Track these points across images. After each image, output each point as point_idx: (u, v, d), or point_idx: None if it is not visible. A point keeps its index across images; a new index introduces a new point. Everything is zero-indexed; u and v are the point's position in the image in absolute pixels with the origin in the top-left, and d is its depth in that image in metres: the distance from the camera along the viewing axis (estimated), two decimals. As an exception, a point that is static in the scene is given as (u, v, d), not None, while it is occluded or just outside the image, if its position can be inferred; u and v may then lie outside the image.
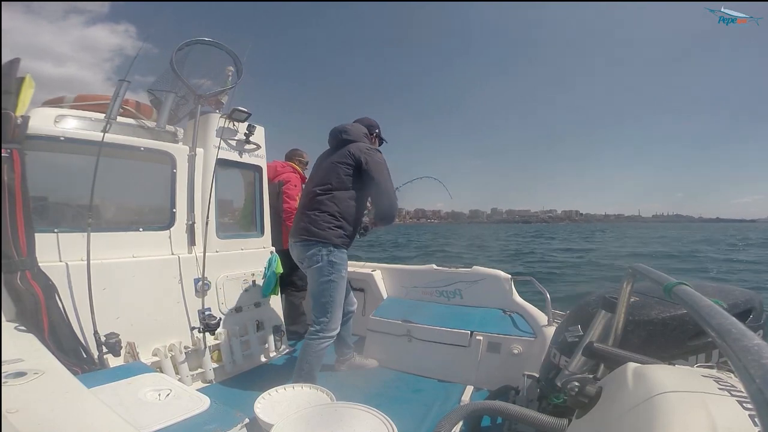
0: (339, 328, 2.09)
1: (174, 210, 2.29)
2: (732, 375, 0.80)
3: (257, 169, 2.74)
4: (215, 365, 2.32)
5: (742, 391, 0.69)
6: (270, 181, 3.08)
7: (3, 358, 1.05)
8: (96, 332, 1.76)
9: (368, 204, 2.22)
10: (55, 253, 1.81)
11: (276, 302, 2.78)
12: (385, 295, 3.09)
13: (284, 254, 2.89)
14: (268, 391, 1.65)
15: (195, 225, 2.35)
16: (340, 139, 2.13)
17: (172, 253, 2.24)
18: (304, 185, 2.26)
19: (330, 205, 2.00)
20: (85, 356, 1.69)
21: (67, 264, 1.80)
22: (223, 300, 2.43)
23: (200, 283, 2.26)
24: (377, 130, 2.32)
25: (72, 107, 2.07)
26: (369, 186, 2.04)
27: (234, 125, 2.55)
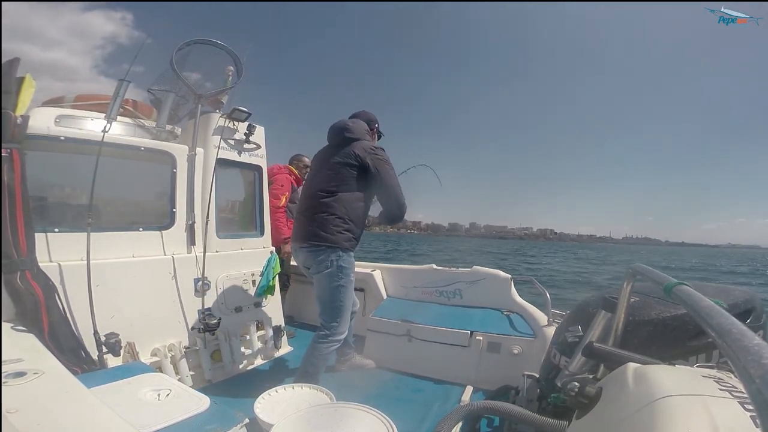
0: (347, 331, 2.09)
1: (174, 210, 2.29)
2: (732, 375, 0.80)
3: (257, 168, 2.74)
4: (215, 365, 2.32)
5: (742, 392, 0.69)
6: None
7: (3, 358, 1.05)
8: (96, 332, 1.76)
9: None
10: (55, 253, 1.81)
11: (276, 302, 2.78)
12: (385, 295, 3.09)
13: None
14: (268, 391, 1.65)
15: (195, 225, 2.35)
16: (342, 138, 2.08)
17: (172, 253, 2.24)
18: (304, 185, 2.25)
19: (337, 208, 1.95)
20: (84, 356, 1.69)
21: (66, 264, 1.80)
22: (223, 300, 2.42)
23: (200, 282, 2.25)
24: (376, 125, 2.27)
25: (72, 107, 2.07)
26: (375, 187, 2.01)
27: (234, 125, 2.55)
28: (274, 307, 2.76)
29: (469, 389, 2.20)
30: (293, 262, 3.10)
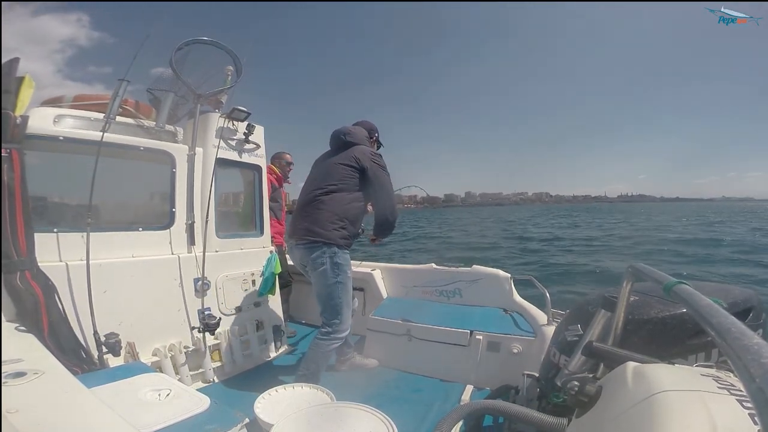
0: (349, 328, 2.09)
1: (173, 210, 2.29)
2: (731, 374, 0.80)
3: (257, 168, 2.74)
4: (215, 365, 2.32)
5: (741, 390, 0.69)
6: None
7: (3, 358, 1.05)
8: (96, 332, 1.76)
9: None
10: (55, 253, 1.81)
11: (276, 302, 2.78)
12: (385, 295, 3.09)
13: None
14: (268, 390, 1.65)
15: (194, 225, 2.34)
16: (342, 142, 2.14)
17: (172, 253, 2.24)
18: (303, 186, 2.26)
19: (333, 206, 1.99)
20: (84, 356, 1.69)
21: (66, 264, 1.80)
22: (222, 300, 2.42)
23: (200, 282, 2.25)
24: (376, 134, 2.36)
25: (71, 107, 2.06)
26: (370, 190, 2.05)
27: (233, 125, 2.54)
28: (274, 307, 2.76)
29: (469, 388, 2.20)
30: (290, 262, 3.10)
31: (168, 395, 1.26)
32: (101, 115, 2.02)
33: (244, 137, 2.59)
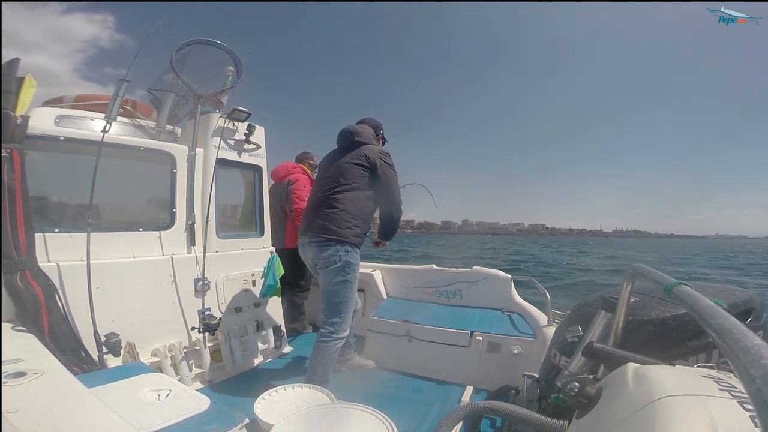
0: (349, 328, 2.10)
1: (174, 210, 2.29)
2: (732, 375, 0.80)
3: (257, 169, 2.75)
4: (215, 365, 2.32)
5: (742, 392, 0.69)
6: (280, 180, 3.17)
7: (3, 358, 1.05)
8: (96, 332, 1.76)
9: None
10: (55, 253, 1.81)
11: (276, 302, 2.78)
12: (385, 295, 3.09)
13: (286, 253, 2.92)
14: (268, 391, 1.65)
15: (195, 225, 2.35)
16: (351, 141, 2.15)
17: (172, 254, 2.24)
18: (313, 185, 2.27)
19: (346, 204, 2.00)
20: (84, 356, 1.69)
21: (66, 264, 1.80)
22: (223, 300, 2.42)
23: (200, 283, 2.26)
24: (381, 131, 2.36)
25: (72, 107, 2.07)
26: (378, 188, 2.07)
27: (234, 125, 2.55)
28: (274, 307, 2.76)
29: (469, 389, 2.19)
30: None
31: (168, 395, 1.26)
32: (102, 116, 2.03)
33: (244, 138, 2.60)
